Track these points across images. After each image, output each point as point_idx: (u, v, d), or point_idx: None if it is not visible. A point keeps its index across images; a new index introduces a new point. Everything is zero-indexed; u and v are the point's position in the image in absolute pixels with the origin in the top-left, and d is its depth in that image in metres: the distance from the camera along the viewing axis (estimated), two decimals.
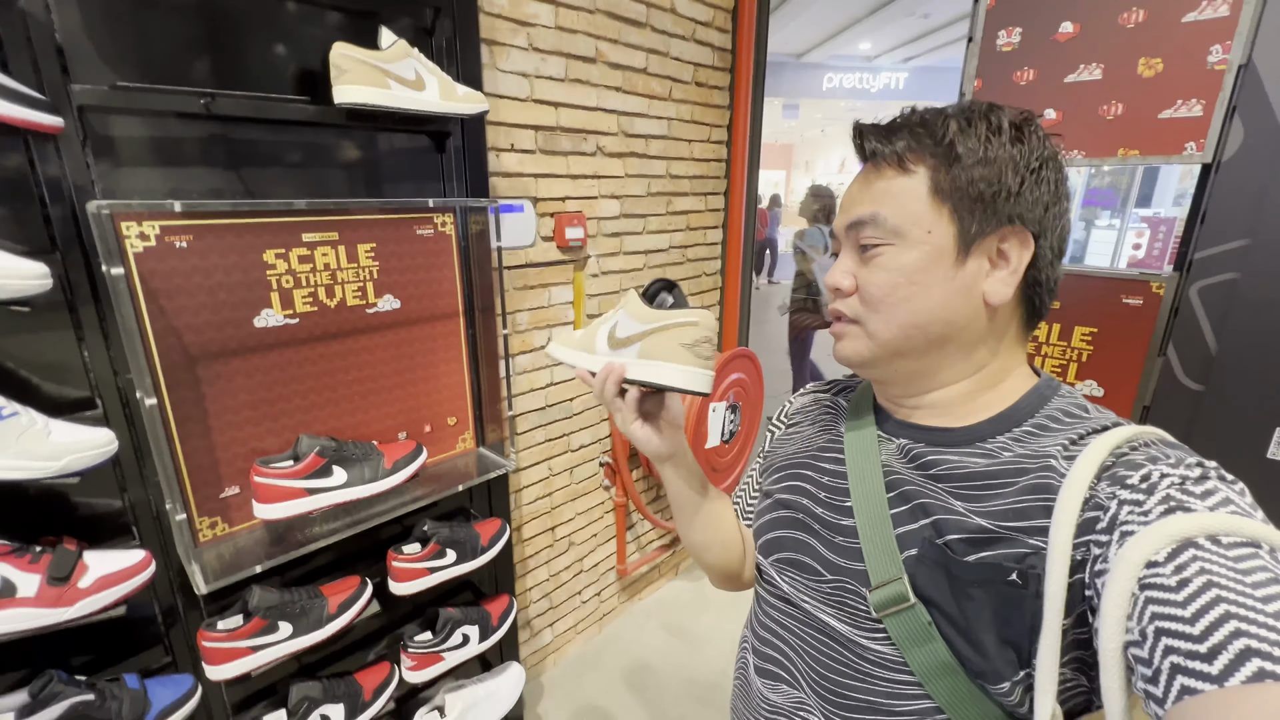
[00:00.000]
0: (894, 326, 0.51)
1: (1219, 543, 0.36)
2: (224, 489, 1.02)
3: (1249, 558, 0.35)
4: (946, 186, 0.48)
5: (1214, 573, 0.34)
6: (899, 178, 0.50)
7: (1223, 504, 0.38)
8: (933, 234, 0.49)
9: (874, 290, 0.51)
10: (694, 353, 0.57)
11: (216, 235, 0.93)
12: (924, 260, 0.49)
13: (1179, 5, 1.05)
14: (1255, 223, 1.01)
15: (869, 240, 0.51)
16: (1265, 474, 1.04)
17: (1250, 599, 0.32)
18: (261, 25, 0.98)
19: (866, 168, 0.53)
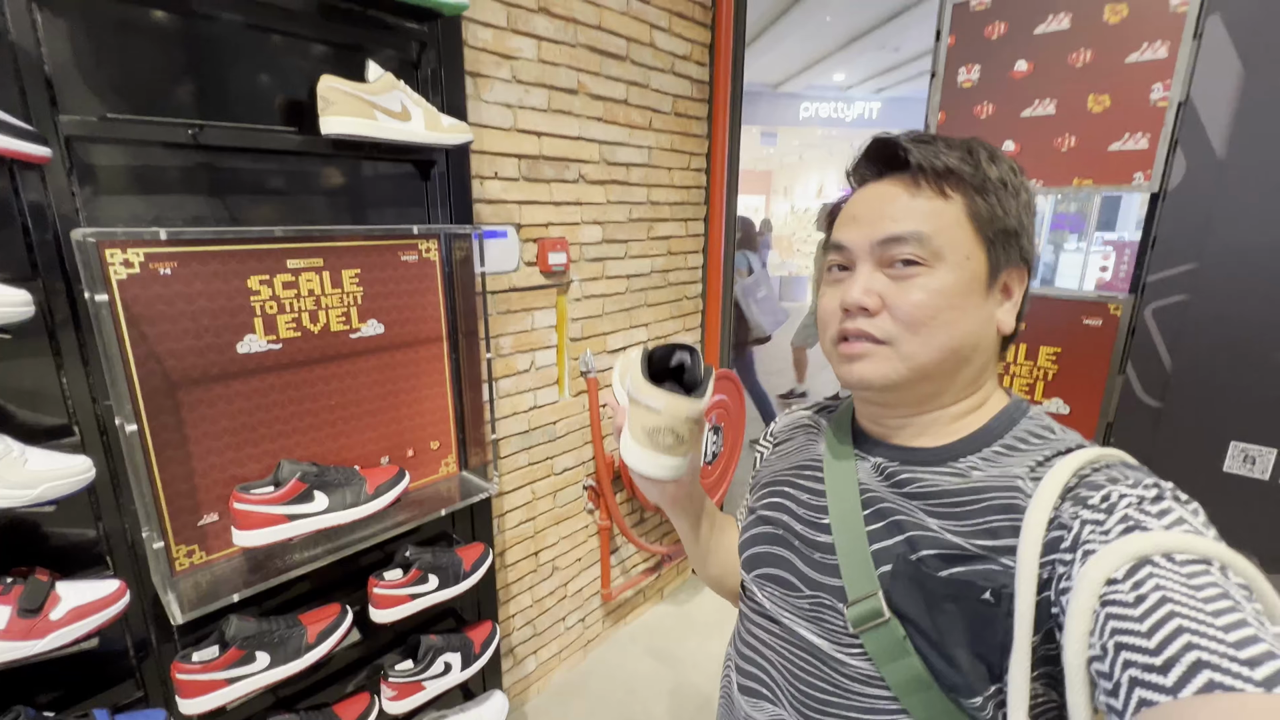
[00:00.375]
0: (932, 349, 0.50)
1: (1173, 560, 0.37)
2: (203, 516, 1.01)
3: (1201, 574, 0.36)
4: (985, 216, 0.50)
5: (1168, 589, 0.36)
6: (937, 199, 0.50)
7: (1177, 523, 0.40)
8: (970, 260, 0.50)
9: (915, 311, 0.49)
10: (650, 439, 0.55)
11: (201, 262, 0.94)
12: (963, 285, 0.50)
13: (1123, 47, 1.12)
14: (1202, 247, 1.07)
15: (909, 257, 0.50)
16: (1222, 487, 1.08)
17: (1201, 613, 0.34)
18: (250, 57, 1.01)
19: (888, 183, 0.52)
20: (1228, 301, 1.04)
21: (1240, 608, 0.34)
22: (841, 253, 0.54)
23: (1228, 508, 1.09)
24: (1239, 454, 1.06)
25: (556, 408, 1.81)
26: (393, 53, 1.19)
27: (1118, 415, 1.19)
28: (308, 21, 1.05)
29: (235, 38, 0.99)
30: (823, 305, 0.56)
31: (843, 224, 0.55)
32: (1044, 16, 1.19)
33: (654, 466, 0.55)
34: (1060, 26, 1.18)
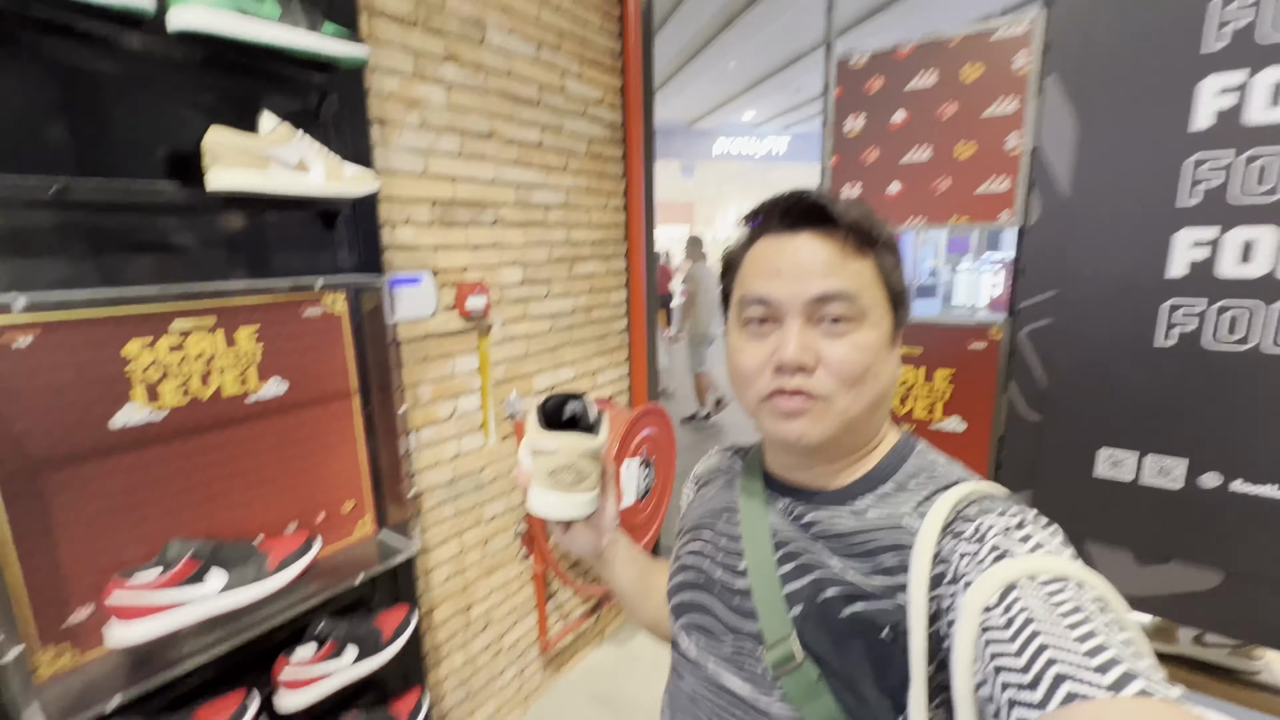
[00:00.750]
0: (863, 403, 0.52)
1: (1036, 581, 0.40)
2: (74, 611, 0.90)
3: (1059, 591, 0.39)
4: (889, 275, 0.54)
5: (1031, 609, 0.38)
6: (858, 259, 0.52)
7: (1038, 546, 0.43)
8: (884, 317, 0.53)
9: (849, 367, 0.51)
10: (553, 481, 0.57)
11: (67, 330, 0.86)
12: (881, 341, 0.53)
13: (980, 101, 1.26)
14: (1061, 276, 1.20)
15: (841, 314, 0.51)
16: (1096, 489, 1.20)
17: (1059, 628, 0.36)
18: (131, 108, 0.95)
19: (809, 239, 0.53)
20: (1086, 323, 1.17)
21: (1092, 619, 0.37)
22: (766, 307, 0.53)
23: (1104, 508, 1.20)
24: (1108, 459, 1.18)
25: (482, 454, 1.76)
26: (290, 101, 1.15)
27: (1007, 429, 1.30)
28: (193, 72, 1.00)
29: (114, 88, 0.93)
30: (745, 360, 0.55)
31: (764, 276, 0.54)
32: (913, 74, 1.33)
33: (559, 506, 0.56)
34: (928, 83, 1.32)
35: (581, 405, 0.61)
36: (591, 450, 0.57)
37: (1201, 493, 1.11)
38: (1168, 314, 1.10)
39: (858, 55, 1.40)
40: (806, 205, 0.53)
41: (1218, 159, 1.03)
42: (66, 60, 0.88)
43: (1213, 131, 1.04)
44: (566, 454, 0.56)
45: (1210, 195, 1.05)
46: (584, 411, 0.61)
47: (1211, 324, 1.07)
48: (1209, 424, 1.09)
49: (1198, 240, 1.06)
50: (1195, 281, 1.07)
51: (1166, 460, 1.13)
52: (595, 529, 0.64)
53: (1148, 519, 1.16)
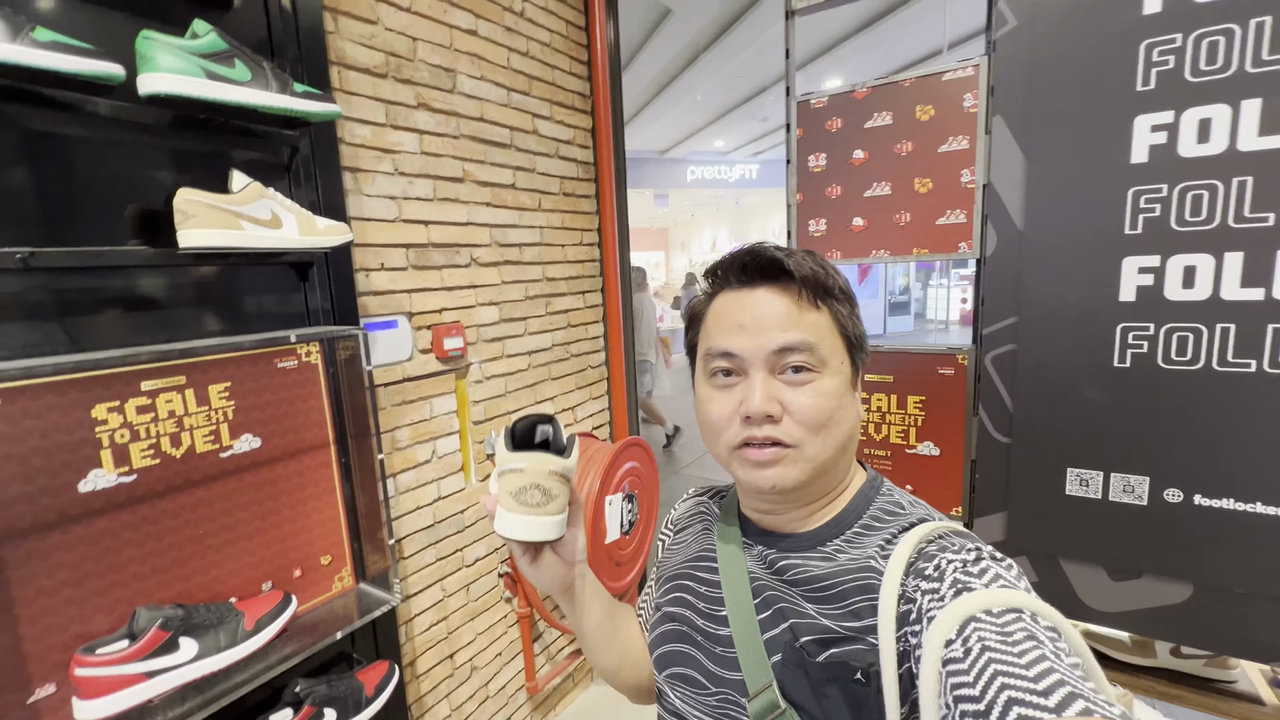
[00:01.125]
0: (831, 447, 0.54)
1: (991, 614, 0.42)
2: (34, 691, 0.86)
3: (1013, 622, 0.41)
4: (845, 323, 0.56)
5: (987, 639, 0.40)
6: (813, 311, 0.55)
7: (994, 580, 0.45)
8: (843, 365, 0.56)
9: (814, 414, 0.53)
10: (518, 501, 0.55)
11: (31, 396, 0.84)
12: (842, 387, 0.55)
13: (934, 139, 1.32)
14: (1019, 304, 1.25)
15: (802, 364, 0.53)
16: (1067, 508, 1.23)
17: (1010, 655, 0.38)
18: (99, 170, 0.95)
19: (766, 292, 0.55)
20: (1045, 349, 1.22)
21: (1042, 646, 0.39)
22: (731, 360, 0.56)
23: (1076, 526, 1.23)
24: (1075, 478, 1.22)
25: (463, 495, 1.74)
26: (260, 156, 1.16)
27: (979, 453, 1.33)
28: (163, 134, 1.01)
29: (80, 152, 0.93)
30: (713, 412, 0.56)
31: (727, 331, 0.56)
32: (870, 114, 1.39)
33: (525, 527, 0.54)
34: (884, 122, 1.38)
35: (552, 428, 0.59)
36: (560, 469, 0.55)
37: (1165, 508, 1.14)
38: (1120, 337, 1.15)
39: (817, 96, 1.46)
40: (762, 261, 0.56)
41: (1155, 191, 1.10)
42: (35, 125, 0.88)
43: (1149, 166, 1.10)
44: (534, 473, 0.55)
45: (1151, 224, 1.11)
46: (554, 434, 0.59)
47: (1162, 346, 1.12)
48: (1167, 441, 1.13)
49: (1143, 267, 1.12)
50: (1144, 306, 1.13)
51: (1130, 478, 1.17)
52: (563, 561, 0.61)
53: (1117, 536, 1.19)
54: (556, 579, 0.61)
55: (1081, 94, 1.14)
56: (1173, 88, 1.07)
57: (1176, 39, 1.06)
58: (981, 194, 1.28)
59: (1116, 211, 1.13)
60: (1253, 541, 1.08)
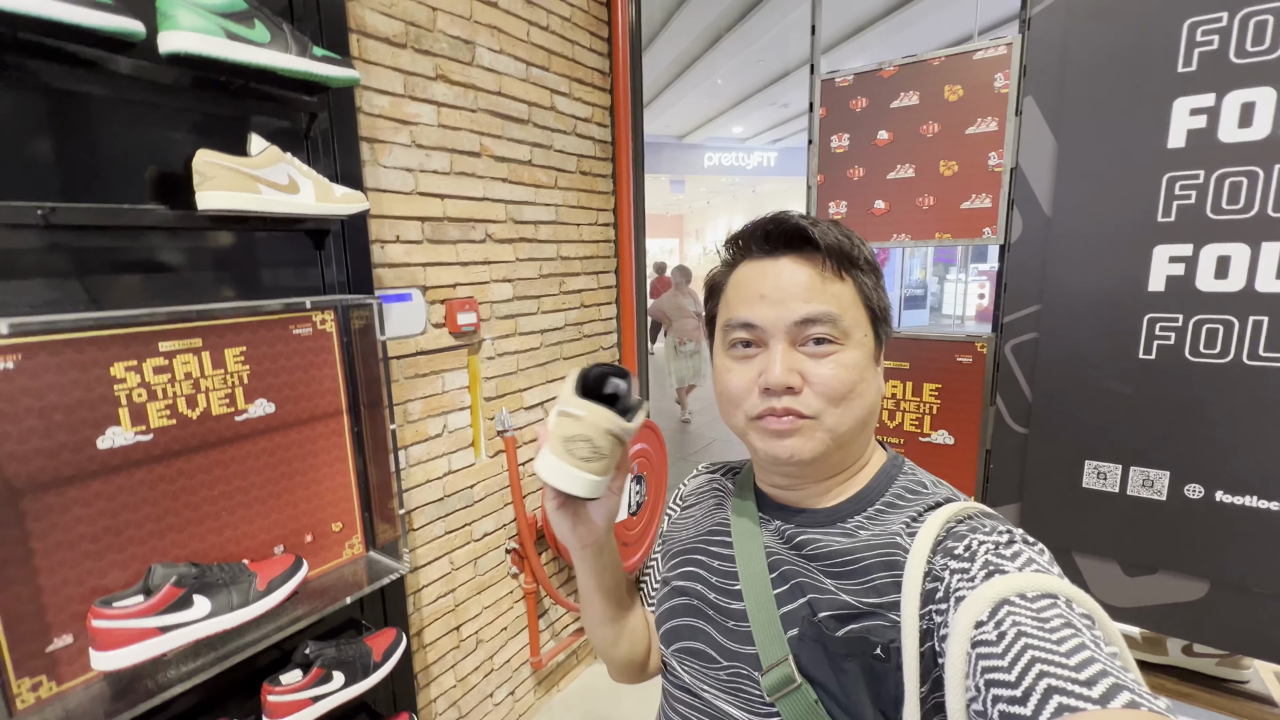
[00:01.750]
0: (851, 419, 0.53)
1: (1026, 598, 0.41)
2: (53, 640, 0.88)
3: (1049, 608, 0.40)
4: (869, 295, 0.55)
5: (1022, 624, 0.39)
6: (837, 282, 0.54)
7: (1028, 564, 0.44)
8: (866, 337, 0.55)
9: (836, 385, 0.52)
10: (566, 448, 0.52)
11: (52, 352, 0.85)
12: (865, 360, 0.54)
13: (962, 121, 1.29)
14: (1043, 292, 1.22)
15: (824, 336, 0.53)
16: (1083, 501, 1.21)
17: (1048, 642, 0.37)
18: (119, 131, 0.95)
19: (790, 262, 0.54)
20: (1067, 338, 1.19)
21: (1081, 634, 0.38)
22: (751, 331, 0.55)
23: (1091, 520, 1.21)
24: (1093, 471, 1.20)
25: (473, 470, 1.75)
26: (279, 122, 1.16)
27: (994, 443, 1.31)
28: (183, 95, 1.01)
29: (102, 111, 0.93)
30: (732, 382, 0.56)
31: (748, 301, 0.55)
32: (896, 94, 1.36)
33: (563, 477, 0.52)
34: (911, 102, 1.34)
35: (625, 384, 0.57)
36: (619, 430, 0.53)
37: (1186, 504, 1.12)
38: (1147, 328, 1.12)
39: (842, 75, 1.43)
40: (786, 229, 0.55)
41: (1191, 177, 1.06)
42: (56, 83, 0.88)
43: (1186, 151, 1.07)
44: (589, 426, 0.52)
45: (1185, 212, 1.08)
46: (625, 392, 0.57)
47: (1190, 338, 1.09)
48: (1191, 436, 1.11)
49: (1174, 256, 1.09)
50: (1174, 296, 1.10)
51: (1150, 472, 1.15)
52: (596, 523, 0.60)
53: (1134, 531, 1.17)
54: (582, 536, 0.60)
55: (1119, 75, 1.11)
56: (1216, 69, 1.03)
57: (1222, 18, 1.02)
58: (1009, 178, 1.25)
59: (1149, 198, 1.10)
60: (1275, 540, 1.05)
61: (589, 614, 0.68)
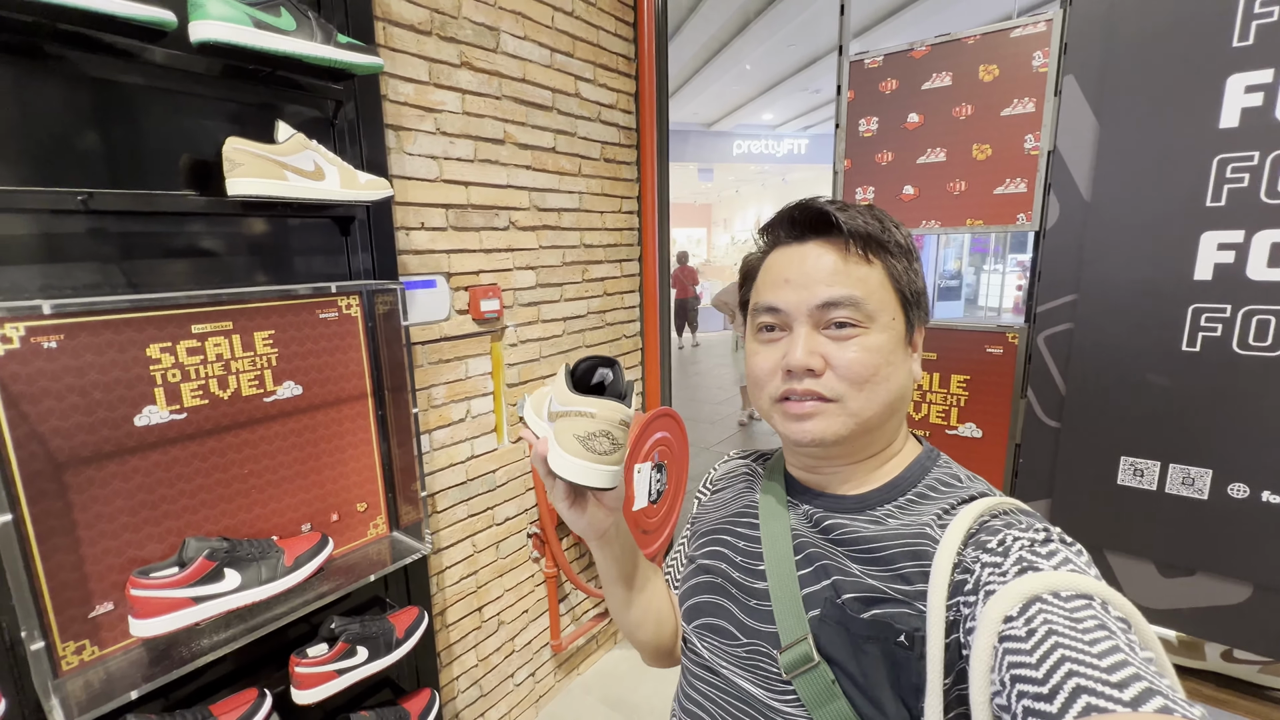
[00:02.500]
0: (876, 404, 0.53)
1: (1060, 597, 0.40)
2: (95, 607, 0.93)
3: (1083, 609, 0.39)
4: (902, 281, 0.55)
5: (1054, 623, 0.38)
6: (863, 265, 0.54)
7: (1064, 563, 0.43)
8: (895, 321, 0.54)
9: (859, 369, 0.52)
10: (586, 446, 0.53)
11: (92, 332, 0.89)
12: (893, 343, 0.54)
13: (997, 102, 1.24)
14: (1079, 281, 1.17)
15: (847, 319, 0.53)
16: (1118, 498, 1.16)
17: (1080, 643, 0.36)
18: (152, 119, 0.98)
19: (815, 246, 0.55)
20: (1104, 329, 1.14)
21: (1115, 637, 0.36)
22: (776, 315, 0.56)
23: (1126, 518, 1.17)
24: (1129, 468, 1.15)
25: (495, 455, 1.77)
26: (306, 110, 1.18)
27: (1024, 436, 1.27)
28: (212, 83, 1.03)
29: (135, 100, 0.96)
30: (757, 365, 0.57)
31: (773, 286, 0.56)
32: (929, 75, 1.31)
33: (590, 474, 0.53)
34: (943, 83, 1.30)
35: (613, 373, 0.58)
36: (629, 419, 0.55)
37: (1229, 503, 1.07)
38: (1192, 319, 1.07)
39: (871, 56, 1.39)
40: (811, 214, 0.56)
41: (1245, 159, 1.00)
42: (93, 72, 0.91)
43: (1240, 131, 1.00)
44: (604, 421, 0.53)
45: (1237, 196, 1.02)
46: (616, 379, 0.58)
47: (1239, 329, 1.03)
48: (1236, 433, 1.05)
49: (1224, 243, 1.03)
50: (1222, 285, 1.04)
51: (1191, 470, 1.10)
52: (605, 508, 0.61)
53: (1172, 530, 1.13)
54: (595, 524, 0.61)
55: (1168, 50, 1.05)
56: (1275, 42, 0.96)
57: None
58: (1046, 161, 1.20)
59: (1198, 181, 1.04)
60: None
61: (612, 600, 0.70)
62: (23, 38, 0.84)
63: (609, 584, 0.68)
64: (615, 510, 0.62)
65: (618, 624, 0.72)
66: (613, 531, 0.64)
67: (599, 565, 0.67)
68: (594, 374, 0.59)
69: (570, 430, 0.54)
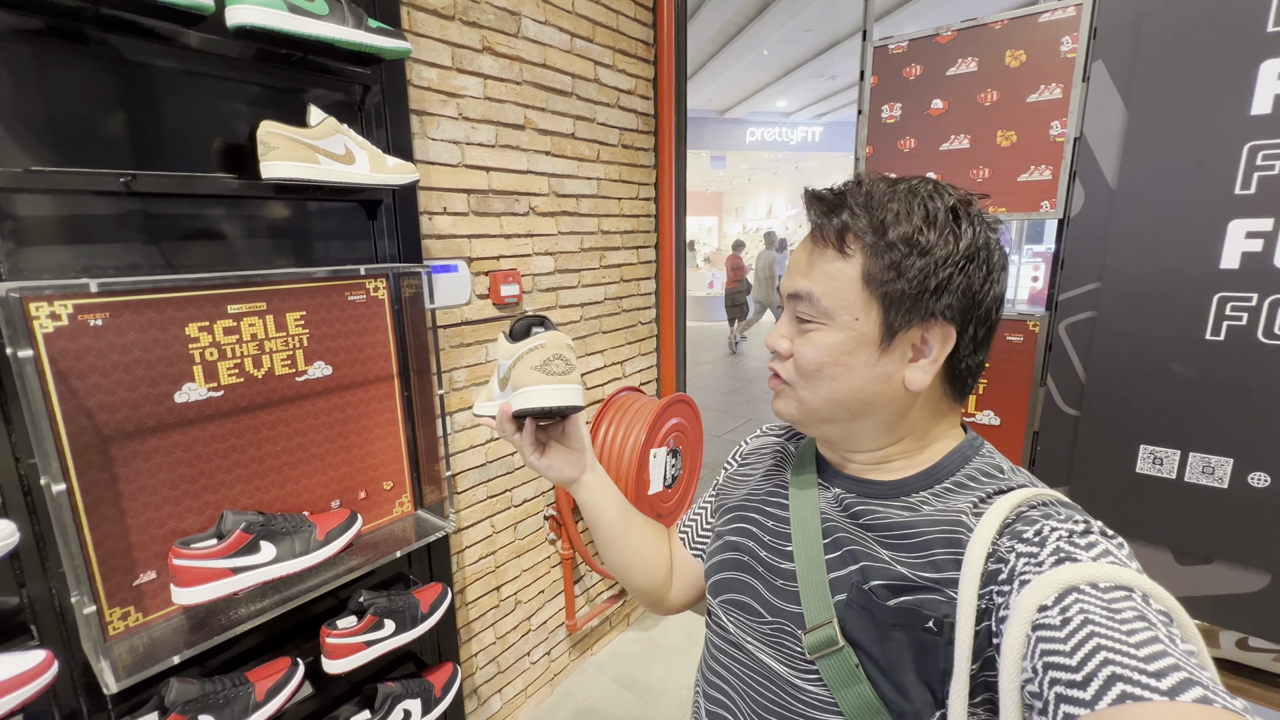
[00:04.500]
0: (819, 398, 0.55)
1: (1098, 588, 0.39)
2: (139, 575, 0.96)
3: (1121, 600, 0.38)
4: (878, 277, 0.50)
5: (1090, 613, 0.37)
6: (837, 259, 0.52)
7: (1103, 555, 0.42)
8: (859, 321, 0.52)
9: (804, 363, 0.54)
10: (545, 371, 0.60)
11: (134, 311, 0.92)
12: (849, 344, 0.52)
13: (1023, 88, 1.23)
14: (1103, 269, 1.17)
15: (804, 314, 0.55)
16: (1137, 487, 1.17)
17: (1118, 633, 0.36)
18: (188, 102, 1.00)
19: (810, 236, 0.56)
20: (1128, 318, 1.14)
21: (1154, 629, 0.36)
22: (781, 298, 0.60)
23: (1143, 506, 1.17)
24: (1149, 456, 1.15)
25: None
26: (335, 95, 1.19)
27: (1042, 425, 1.27)
28: (246, 68, 1.05)
29: (172, 84, 0.98)
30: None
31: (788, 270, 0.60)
32: (954, 60, 1.30)
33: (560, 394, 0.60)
34: (969, 69, 1.29)
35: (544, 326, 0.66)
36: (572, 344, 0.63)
37: (1249, 492, 1.07)
38: (1217, 307, 1.06)
39: (896, 41, 1.38)
40: (809, 198, 0.57)
41: (1276, 147, 0.99)
42: (133, 56, 0.93)
43: (1272, 117, 0.99)
44: (554, 345, 0.61)
45: (1267, 183, 1.01)
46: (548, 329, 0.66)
47: (1265, 318, 1.03)
48: (1258, 422, 1.05)
49: (1252, 231, 1.03)
50: (1249, 274, 1.04)
51: (1211, 459, 1.10)
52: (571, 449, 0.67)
53: (1190, 519, 1.13)
54: (569, 466, 0.67)
55: (1200, 35, 1.04)
56: None
57: None
58: (1072, 148, 1.19)
59: (1227, 169, 1.03)
60: None
61: (599, 542, 0.74)
62: (67, 22, 0.86)
63: (595, 528, 0.73)
64: (581, 451, 0.67)
65: (607, 566, 0.75)
66: (589, 476, 0.69)
67: (583, 511, 0.72)
68: (529, 332, 0.66)
69: (528, 365, 0.61)
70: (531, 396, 0.60)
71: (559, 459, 0.68)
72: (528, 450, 0.66)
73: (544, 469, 0.67)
